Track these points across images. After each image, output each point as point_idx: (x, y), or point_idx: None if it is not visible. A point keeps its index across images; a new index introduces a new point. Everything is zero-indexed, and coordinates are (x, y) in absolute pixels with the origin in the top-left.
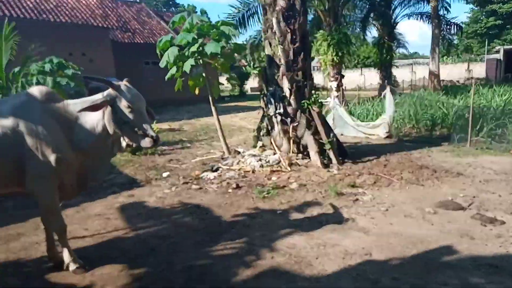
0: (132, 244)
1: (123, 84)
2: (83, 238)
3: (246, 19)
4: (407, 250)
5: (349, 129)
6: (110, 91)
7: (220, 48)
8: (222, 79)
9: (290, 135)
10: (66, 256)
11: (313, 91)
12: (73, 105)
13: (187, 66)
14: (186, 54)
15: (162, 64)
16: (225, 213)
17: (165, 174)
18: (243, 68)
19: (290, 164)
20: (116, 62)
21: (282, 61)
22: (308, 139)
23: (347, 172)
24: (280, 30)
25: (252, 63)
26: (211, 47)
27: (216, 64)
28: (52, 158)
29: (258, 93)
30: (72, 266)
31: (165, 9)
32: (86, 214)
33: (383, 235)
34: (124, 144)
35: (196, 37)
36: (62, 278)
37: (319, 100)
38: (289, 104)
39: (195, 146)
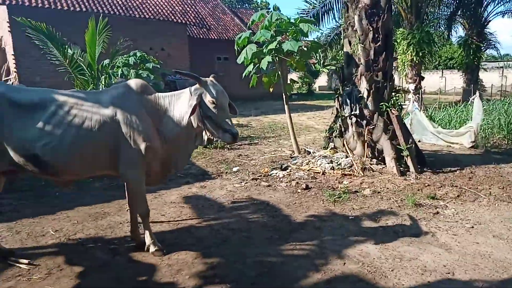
0: (206, 233)
1: (210, 80)
2: (161, 223)
3: (320, 16)
4: (497, 274)
5: (428, 136)
6: (197, 87)
7: (298, 46)
8: (293, 76)
9: (365, 139)
10: (147, 238)
11: (393, 93)
12: (163, 98)
13: (264, 63)
14: (264, 51)
15: (239, 60)
16: (294, 212)
17: (235, 169)
18: (312, 66)
19: (364, 169)
20: (190, 56)
21: (362, 60)
22: (384, 144)
23: (426, 182)
24: (361, 28)
25: (322, 61)
26: (288, 45)
27: (292, 61)
28: (142, 146)
29: (327, 92)
30: (152, 248)
31: (239, 6)
32: (162, 201)
33: (468, 255)
34: (205, 137)
35: (274, 34)
36: (143, 258)
37: (399, 103)
38: (366, 106)
39: (262, 143)
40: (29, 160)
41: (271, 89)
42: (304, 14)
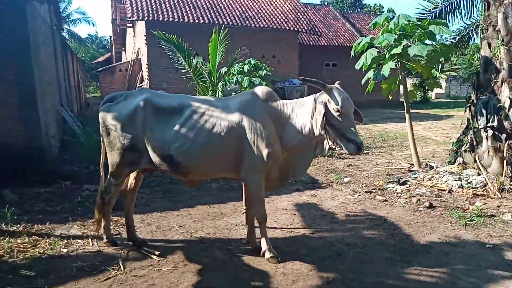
0: (319, 245)
1: (335, 86)
2: (274, 229)
3: (444, 15)
4: None
5: None
6: (322, 94)
7: (426, 51)
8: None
9: (504, 155)
10: (263, 244)
11: None
12: (286, 105)
13: (386, 70)
14: (386, 56)
15: (358, 66)
16: (417, 233)
17: (346, 179)
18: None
19: (501, 190)
20: (299, 63)
21: (504, 64)
22: None
23: None
24: (506, 28)
25: (439, 66)
26: (415, 49)
27: (416, 67)
28: (265, 152)
29: (444, 100)
30: (268, 255)
31: (351, 11)
32: (274, 207)
33: None
34: (327, 146)
35: (397, 38)
36: (258, 263)
37: None
38: (507, 117)
39: (373, 153)
40: (165, 160)
41: (390, 97)
42: (424, 14)
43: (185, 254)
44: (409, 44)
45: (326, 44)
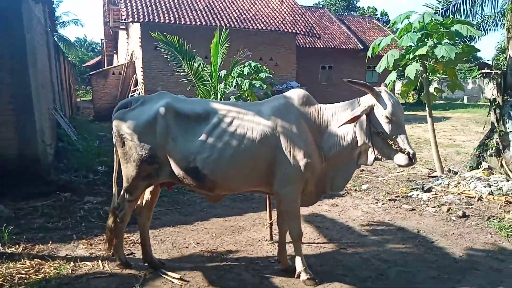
0: (355, 262)
1: (383, 89)
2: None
3: (456, 15)
4: None
5: None
6: (368, 98)
7: (455, 52)
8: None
9: None
10: (298, 264)
11: None
12: (326, 110)
13: (411, 71)
14: (409, 57)
15: (379, 68)
16: (456, 246)
17: (364, 186)
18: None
19: None
20: (296, 65)
21: None
22: None
23: None
24: None
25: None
26: (443, 50)
27: (439, 68)
28: (302, 163)
29: (437, 102)
30: (304, 276)
31: (345, 13)
32: None
33: None
34: (372, 157)
35: (421, 37)
36: (293, 285)
37: None
38: None
39: None
40: (189, 173)
41: (411, 99)
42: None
43: (209, 276)
44: (435, 44)
45: (322, 46)
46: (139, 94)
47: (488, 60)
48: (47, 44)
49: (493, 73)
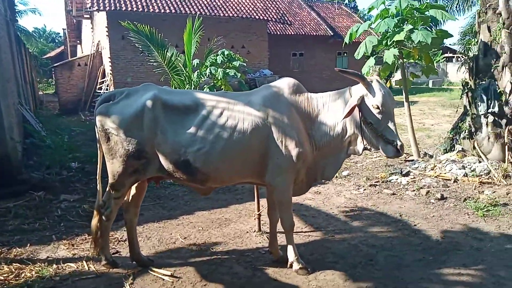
0: (344, 249)
1: (375, 79)
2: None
3: None
4: None
5: None
6: (360, 87)
7: (431, 37)
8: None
9: (505, 141)
10: (291, 254)
11: None
12: (316, 99)
13: (389, 57)
14: (387, 43)
15: (357, 55)
16: (437, 228)
17: (345, 173)
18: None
19: (505, 176)
20: (268, 53)
21: (506, 48)
22: None
23: None
24: (507, 10)
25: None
26: (419, 36)
27: (414, 53)
28: (294, 152)
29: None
30: (296, 266)
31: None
32: None
33: None
34: (361, 147)
35: (397, 23)
36: (286, 275)
37: None
38: (507, 103)
39: None
40: (180, 166)
41: (388, 84)
42: None
43: (200, 271)
44: (411, 30)
45: (293, 33)
46: (107, 86)
47: (450, 45)
48: (8, 36)
49: (464, 57)
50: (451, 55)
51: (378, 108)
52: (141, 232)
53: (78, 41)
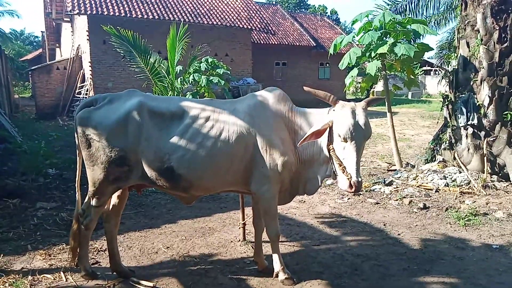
0: (329, 259)
1: (349, 107)
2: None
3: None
4: None
5: None
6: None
7: (414, 50)
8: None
9: (484, 152)
10: (276, 264)
11: None
12: (301, 112)
13: (372, 68)
14: (370, 55)
15: (341, 65)
16: (421, 237)
17: (329, 182)
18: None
19: (484, 187)
20: (252, 62)
21: (484, 63)
22: (507, 158)
23: None
24: (485, 27)
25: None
26: (402, 49)
27: (397, 65)
28: (279, 161)
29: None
30: (282, 276)
31: (297, 10)
32: None
33: None
34: (331, 170)
35: (381, 36)
36: (271, 286)
37: None
38: (485, 115)
39: None
40: (163, 173)
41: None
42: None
43: (184, 282)
44: (394, 43)
45: (276, 43)
46: (87, 90)
47: (429, 58)
48: None
49: (443, 70)
50: (429, 68)
51: (339, 136)
52: (122, 241)
53: (57, 44)
